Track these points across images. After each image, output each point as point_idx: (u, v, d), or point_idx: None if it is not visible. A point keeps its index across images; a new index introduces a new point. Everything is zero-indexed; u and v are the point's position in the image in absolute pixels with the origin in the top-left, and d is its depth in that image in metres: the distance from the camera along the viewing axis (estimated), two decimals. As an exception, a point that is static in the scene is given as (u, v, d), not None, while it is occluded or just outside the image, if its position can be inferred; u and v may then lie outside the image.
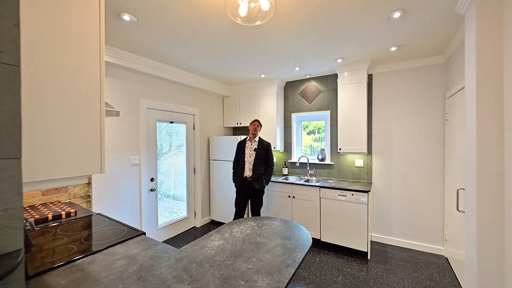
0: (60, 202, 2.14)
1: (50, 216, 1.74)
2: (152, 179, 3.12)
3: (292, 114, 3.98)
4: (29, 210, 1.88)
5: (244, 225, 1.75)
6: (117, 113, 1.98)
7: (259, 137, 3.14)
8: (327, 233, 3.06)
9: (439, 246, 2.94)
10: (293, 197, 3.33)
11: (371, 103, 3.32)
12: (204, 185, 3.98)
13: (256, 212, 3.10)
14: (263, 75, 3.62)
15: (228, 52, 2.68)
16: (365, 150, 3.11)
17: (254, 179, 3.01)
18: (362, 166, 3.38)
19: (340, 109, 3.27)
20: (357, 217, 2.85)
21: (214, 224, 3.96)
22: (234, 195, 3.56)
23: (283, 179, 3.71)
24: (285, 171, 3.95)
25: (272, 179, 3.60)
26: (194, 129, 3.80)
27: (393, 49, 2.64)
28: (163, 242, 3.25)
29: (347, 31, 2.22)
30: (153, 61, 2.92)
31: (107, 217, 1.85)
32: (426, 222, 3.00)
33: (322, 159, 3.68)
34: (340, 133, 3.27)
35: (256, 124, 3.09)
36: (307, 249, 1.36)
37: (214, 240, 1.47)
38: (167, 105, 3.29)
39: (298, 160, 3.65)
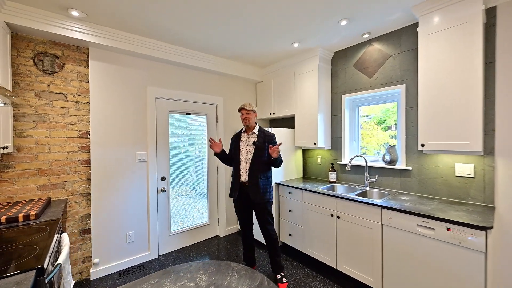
0: (38, 200, 1.95)
1: (3, 219, 1.47)
2: (163, 178, 2.73)
3: (343, 96, 2.81)
4: (12, 204, 1.70)
5: (183, 281, 0.96)
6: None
7: (259, 127, 2.29)
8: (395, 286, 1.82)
9: None
10: (338, 216, 2.22)
11: (493, 61, 1.81)
12: (229, 186, 3.34)
13: (265, 231, 2.21)
14: (296, 44, 2.64)
15: (237, 7, 1.91)
16: (479, 148, 1.68)
17: (251, 186, 2.14)
18: (472, 176, 1.90)
19: (424, 79, 1.93)
20: (460, 275, 1.52)
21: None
22: None
23: (327, 187, 2.62)
24: (332, 176, 2.82)
25: (311, 187, 2.58)
26: (217, 121, 3.23)
27: None
28: (177, 251, 2.83)
29: None
30: (160, 41, 2.50)
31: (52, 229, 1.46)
32: None
33: (391, 161, 2.37)
34: (424, 118, 1.93)
35: (245, 112, 2.22)
36: None
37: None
38: (182, 94, 2.84)
39: (350, 162, 2.47)
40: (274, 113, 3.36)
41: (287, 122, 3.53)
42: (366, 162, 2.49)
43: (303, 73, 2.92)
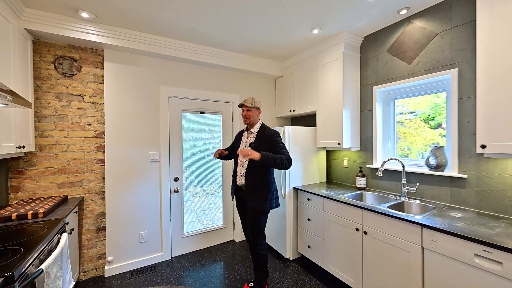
0: (55, 197, 2.03)
1: (14, 216, 1.53)
2: (176, 179, 2.68)
3: (374, 88, 2.38)
4: (14, 205, 1.80)
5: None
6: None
7: (261, 126, 2.02)
8: (441, 330, 1.40)
9: None
10: (364, 232, 1.85)
11: None
12: (246, 190, 3.16)
13: (253, 238, 1.96)
14: (316, 30, 2.32)
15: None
16: None
17: (247, 193, 1.91)
18: (562, 189, 1.35)
19: (485, 58, 1.44)
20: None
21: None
22: (286, 207, 2.53)
23: (354, 195, 2.24)
24: (361, 182, 2.41)
25: (333, 194, 2.23)
26: (232, 120, 3.08)
27: None
28: (190, 253, 2.76)
29: None
30: (171, 39, 2.45)
31: (59, 230, 1.45)
32: None
33: (438, 167, 1.89)
34: (485, 111, 1.44)
35: (245, 108, 1.97)
36: None
37: None
38: (195, 93, 2.76)
39: (382, 166, 2.05)
40: (294, 110, 3.06)
41: (310, 120, 3.19)
42: (403, 167, 2.04)
43: (325, 63, 2.57)
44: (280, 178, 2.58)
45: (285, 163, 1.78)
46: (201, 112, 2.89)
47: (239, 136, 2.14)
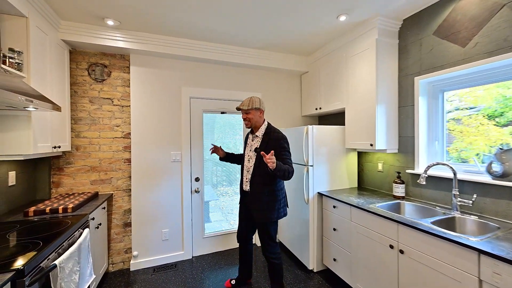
0: (87, 193, 2.19)
1: (48, 210, 1.69)
2: (197, 179, 2.70)
3: (416, 79, 2.01)
4: (52, 199, 1.99)
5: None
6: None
7: (267, 128, 1.86)
8: None
9: None
10: (400, 251, 1.54)
11: None
12: (268, 193, 3.02)
13: (265, 255, 1.85)
14: (343, 17, 2.06)
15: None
16: None
17: (252, 201, 1.80)
18: None
19: None
20: None
21: (282, 249, 2.89)
22: (309, 213, 2.36)
23: (389, 206, 1.92)
24: (399, 190, 2.07)
25: (363, 203, 1.96)
26: (254, 120, 2.97)
27: None
28: (210, 254, 2.74)
29: None
30: (192, 40, 2.46)
31: (83, 224, 1.54)
32: None
33: (506, 175, 1.48)
34: None
35: (243, 112, 1.83)
36: None
37: None
38: (216, 92, 2.74)
39: (425, 171, 1.70)
40: (320, 108, 2.81)
41: (338, 118, 2.90)
42: (454, 173, 1.66)
43: (356, 54, 2.27)
44: (303, 182, 2.37)
45: (290, 176, 1.67)
46: (222, 112, 2.86)
47: (246, 138, 2.03)
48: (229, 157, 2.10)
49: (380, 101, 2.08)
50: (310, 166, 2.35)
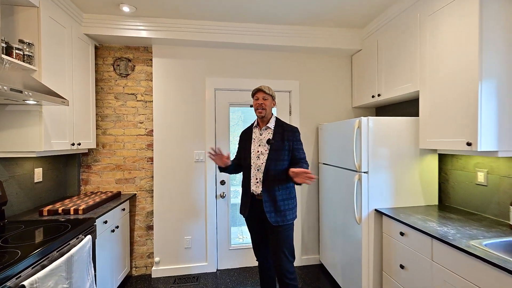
0: (110, 192, 2.09)
1: (60, 210, 1.61)
2: (222, 182, 2.37)
3: None
4: (74, 198, 1.94)
5: None
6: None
7: (277, 119, 1.64)
8: None
9: None
10: None
11: None
12: (310, 203, 2.48)
13: (278, 271, 1.51)
14: (419, -50, 1.36)
15: None
16: None
17: (265, 202, 1.51)
18: None
19: None
20: None
21: (323, 273, 2.31)
22: (362, 237, 1.79)
23: (504, 245, 1.15)
24: (523, 219, 1.25)
25: (455, 236, 1.25)
26: (290, 114, 2.47)
27: None
28: (237, 270, 2.38)
29: None
30: (214, 22, 2.15)
31: (89, 230, 1.38)
32: None
33: None
34: None
35: (261, 96, 1.57)
36: None
37: None
38: (243, 82, 2.36)
39: None
40: (379, 95, 2.10)
41: (406, 108, 2.13)
42: None
43: (439, 8, 1.52)
44: (353, 194, 1.75)
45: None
46: (252, 105, 2.44)
47: (245, 136, 1.71)
48: (231, 166, 1.70)
49: (486, 76, 1.30)
50: (364, 173, 1.71)
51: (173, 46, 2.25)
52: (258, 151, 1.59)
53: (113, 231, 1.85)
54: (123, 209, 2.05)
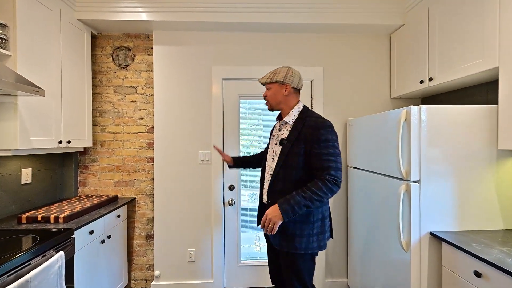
0: (106, 196, 1.87)
1: (40, 217, 1.40)
2: (231, 187, 2.04)
3: None
4: (63, 203, 1.75)
5: None
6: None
7: (303, 110, 1.23)
8: None
9: None
10: None
11: None
12: (336, 215, 2.04)
13: None
14: None
15: None
16: None
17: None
18: None
19: None
20: None
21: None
22: (410, 270, 1.36)
23: None
24: None
25: None
26: (311, 107, 2.06)
27: None
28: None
29: None
30: None
31: (66, 243, 1.13)
32: None
33: None
34: None
35: (262, 83, 1.25)
36: None
37: None
38: (256, 71, 2.01)
39: None
40: (431, 79, 1.60)
41: (462, 97, 1.61)
42: None
43: None
44: (399, 210, 1.29)
45: (323, 197, 1.05)
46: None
47: (272, 128, 1.41)
48: (242, 162, 1.51)
49: None
50: (414, 182, 1.26)
51: (176, 31, 1.97)
52: (273, 151, 1.26)
53: (103, 241, 1.61)
54: (118, 216, 1.82)
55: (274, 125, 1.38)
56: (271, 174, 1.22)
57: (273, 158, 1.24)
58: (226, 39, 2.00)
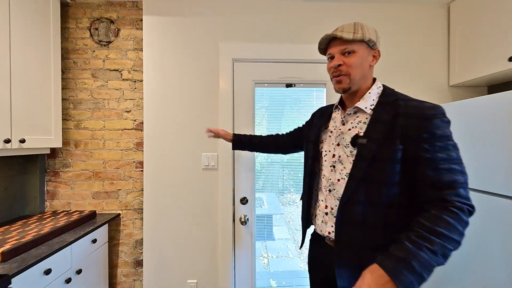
0: (80, 213, 1.41)
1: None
2: (244, 200, 1.58)
3: None
4: (14, 226, 1.29)
5: None
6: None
7: (385, 90, 0.74)
8: None
9: None
10: None
11: None
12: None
13: None
14: None
15: None
16: None
17: (344, 262, 0.67)
18: None
19: None
20: None
21: None
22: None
23: None
24: None
25: None
26: (347, 97, 1.59)
27: None
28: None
29: None
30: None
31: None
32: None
33: None
34: None
35: (337, 49, 0.74)
36: None
37: None
38: (276, 49, 1.55)
39: None
40: (530, 53, 1.14)
41: None
42: None
43: None
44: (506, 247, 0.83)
45: (460, 242, 0.57)
46: (288, 85, 1.62)
47: (318, 119, 0.93)
48: (246, 143, 1.19)
49: None
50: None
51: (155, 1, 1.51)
52: (334, 155, 0.78)
53: (68, 281, 1.15)
54: (94, 241, 1.36)
55: (325, 117, 0.90)
56: (331, 191, 0.76)
57: (333, 166, 0.77)
58: (238, 7, 1.54)
